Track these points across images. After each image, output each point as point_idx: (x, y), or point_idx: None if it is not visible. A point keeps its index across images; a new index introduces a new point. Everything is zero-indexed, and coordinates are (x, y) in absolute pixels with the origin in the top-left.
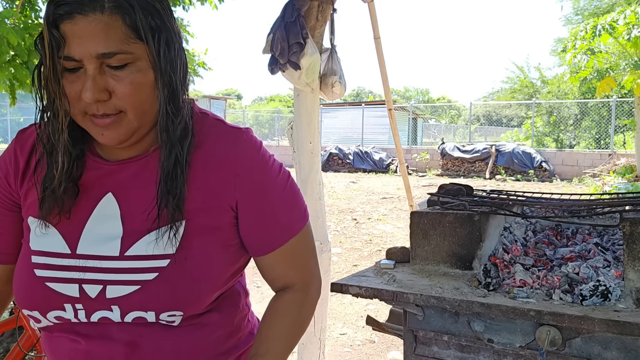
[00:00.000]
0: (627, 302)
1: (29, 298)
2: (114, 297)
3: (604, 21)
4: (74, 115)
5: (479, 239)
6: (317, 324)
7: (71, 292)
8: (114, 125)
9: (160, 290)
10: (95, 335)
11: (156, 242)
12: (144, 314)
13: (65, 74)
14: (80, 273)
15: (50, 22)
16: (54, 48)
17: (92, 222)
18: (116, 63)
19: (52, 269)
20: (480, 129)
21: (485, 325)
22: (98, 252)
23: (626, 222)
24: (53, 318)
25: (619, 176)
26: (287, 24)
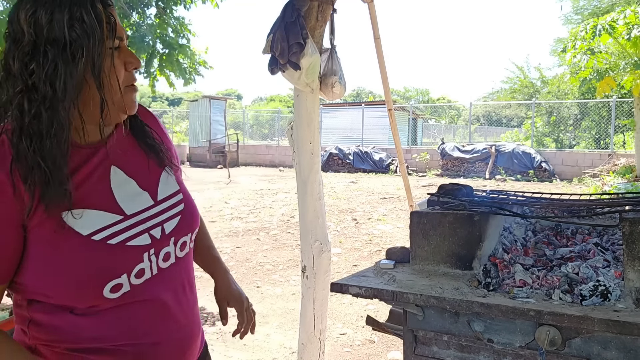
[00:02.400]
0: (626, 302)
1: (116, 266)
2: (170, 230)
3: (603, 21)
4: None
5: (478, 239)
6: (317, 324)
7: (145, 241)
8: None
9: (189, 214)
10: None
11: (167, 184)
12: (186, 238)
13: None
14: (143, 225)
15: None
16: (112, 30)
17: (116, 190)
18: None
19: (120, 234)
20: (480, 129)
21: (485, 325)
22: (140, 207)
23: (626, 222)
24: (134, 277)
25: (618, 176)
26: (287, 24)
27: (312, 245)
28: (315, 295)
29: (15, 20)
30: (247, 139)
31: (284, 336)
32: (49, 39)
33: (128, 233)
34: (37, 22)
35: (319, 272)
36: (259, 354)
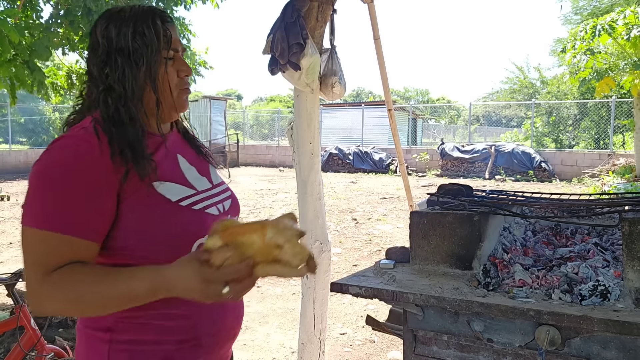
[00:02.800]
0: (626, 302)
1: (200, 227)
2: (227, 209)
3: (603, 21)
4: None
5: (478, 239)
6: (317, 323)
7: (216, 212)
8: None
9: (235, 200)
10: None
11: (216, 174)
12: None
13: (164, 61)
14: (211, 199)
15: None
16: (167, 42)
17: (185, 172)
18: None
19: (199, 202)
20: (479, 129)
21: (485, 325)
22: (204, 187)
23: (625, 222)
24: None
25: (618, 176)
26: (287, 24)
27: (312, 245)
28: (315, 295)
29: (93, 33)
30: (247, 139)
31: (284, 336)
32: (117, 49)
33: (204, 203)
34: (108, 35)
35: (319, 272)
36: (259, 354)
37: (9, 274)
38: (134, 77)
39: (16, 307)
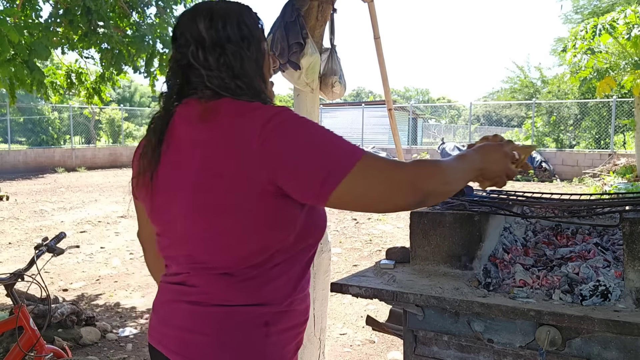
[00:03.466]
0: (627, 302)
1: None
2: None
3: (604, 21)
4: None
5: (479, 239)
6: (317, 324)
7: None
8: None
9: None
10: None
11: None
12: None
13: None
14: None
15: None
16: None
17: None
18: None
19: None
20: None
21: (485, 325)
22: None
23: (626, 222)
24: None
25: (619, 176)
26: (287, 24)
27: None
28: (315, 295)
29: (195, 29)
30: None
31: None
32: (227, 39)
33: None
34: (216, 28)
35: (319, 272)
36: None
37: (8, 274)
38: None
39: (15, 307)
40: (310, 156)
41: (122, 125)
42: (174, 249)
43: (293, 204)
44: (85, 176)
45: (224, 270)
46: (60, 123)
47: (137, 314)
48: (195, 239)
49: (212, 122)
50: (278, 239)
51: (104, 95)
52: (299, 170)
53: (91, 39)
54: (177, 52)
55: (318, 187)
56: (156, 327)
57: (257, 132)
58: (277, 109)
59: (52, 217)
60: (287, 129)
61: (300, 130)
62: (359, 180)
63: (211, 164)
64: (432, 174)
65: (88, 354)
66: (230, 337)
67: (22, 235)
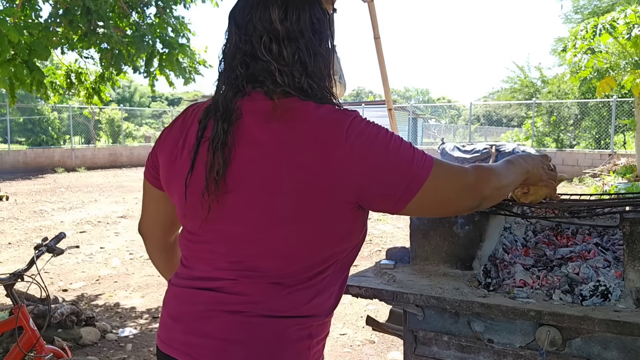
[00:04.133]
0: (627, 302)
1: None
2: None
3: (604, 20)
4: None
5: (479, 239)
6: None
7: None
8: None
9: None
10: None
11: None
12: None
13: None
14: None
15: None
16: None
17: None
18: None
19: None
20: (480, 129)
21: (485, 326)
22: None
23: (626, 223)
24: None
25: (619, 176)
26: None
27: None
28: None
29: (268, 19)
30: None
31: None
32: (301, 32)
33: None
34: (290, 20)
35: None
36: None
37: (8, 274)
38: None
39: (15, 307)
40: (394, 168)
41: (122, 125)
42: (213, 251)
43: (364, 212)
44: (85, 176)
45: (278, 279)
46: (60, 123)
47: (137, 314)
48: (260, 245)
49: (287, 122)
50: (344, 248)
51: (104, 95)
52: (384, 182)
53: (91, 39)
54: (242, 41)
55: (397, 199)
56: (179, 337)
57: (341, 140)
58: (352, 114)
59: (52, 217)
60: (372, 138)
61: (383, 140)
62: (431, 189)
63: (292, 169)
64: (489, 179)
65: (88, 354)
66: (277, 349)
67: (21, 236)
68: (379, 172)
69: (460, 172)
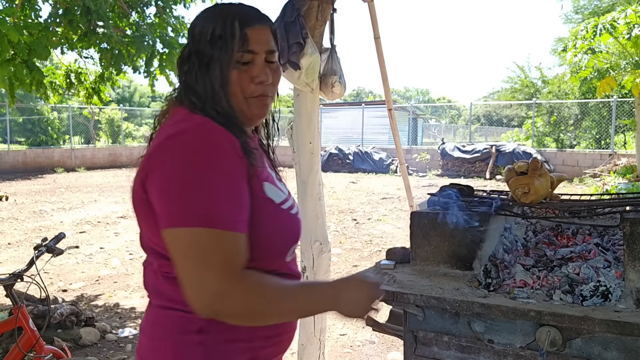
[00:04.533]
0: (627, 303)
1: (297, 230)
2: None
3: (604, 20)
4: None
5: (479, 239)
6: (317, 324)
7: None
8: (268, 104)
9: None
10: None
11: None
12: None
13: (238, 66)
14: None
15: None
16: (240, 45)
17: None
18: (272, 59)
19: (293, 207)
20: (480, 129)
21: (486, 326)
22: (287, 191)
23: (626, 223)
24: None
25: (619, 176)
26: (286, 23)
27: (312, 245)
28: None
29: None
30: None
31: None
32: (196, 49)
33: (295, 208)
34: (194, 34)
35: (319, 273)
36: None
37: (8, 275)
38: (208, 80)
39: (14, 307)
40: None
41: (122, 125)
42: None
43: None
44: (84, 176)
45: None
46: (59, 123)
47: (137, 315)
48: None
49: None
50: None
51: (104, 95)
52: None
53: (91, 39)
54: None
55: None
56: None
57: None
58: (184, 127)
59: (52, 217)
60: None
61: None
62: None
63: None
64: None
65: (87, 354)
66: (162, 341)
67: (21, 236)
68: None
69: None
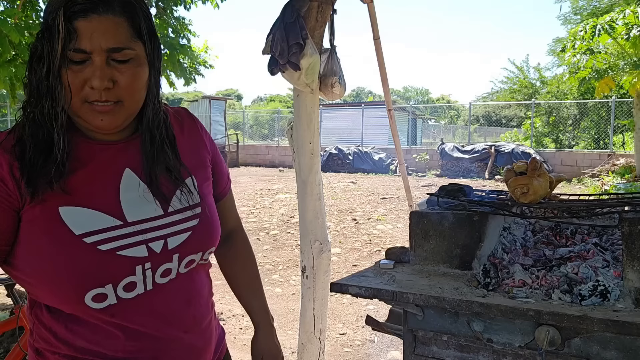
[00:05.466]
0: (626, 302)
1: (102, 273)
2: (174, 246)
3: (603, 21)
4: (73, 103)
5: (478, 239)
6: (317, 324)
7: (140, 253)
8: (113, 112)
9: (204, 231)
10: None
11: (186, 196)
12: (194, 256)
13: (70, 65)
14: (142, 235)
15: (65, 18)
16: (67, 41)
17: (123, 194)
18: (121, 57)
19: (114, 241)
20: (479, 129)
21: (485, 325)
22: (144, 216)
23: (625, 223)
24: (122, 289)
25: (618, 176)
26: (286, 24)
27: (312, 245)
28: (315, 295)
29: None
30: (247, 139)
31: (284, 336)
32: (33, 44)
33: (123, 241)
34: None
35: (318, 272)
36: None
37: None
38: (39, 79)
39: (16, 307)
40: None
41: None
42: None
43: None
44: None
45: None
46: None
47: None
48: None
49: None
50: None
51: None
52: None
53: None
54: None
55: None
56: None
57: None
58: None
59: None
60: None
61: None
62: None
63: None
64: None
65: None
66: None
67: None
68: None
69: None
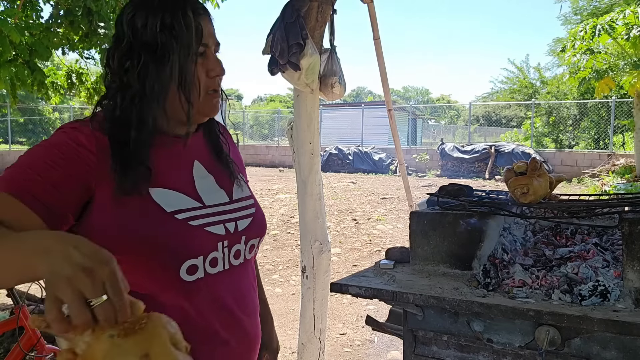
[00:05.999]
0: (626, 302)
1: (195, 245)
2: (242, 228)
3: (603, 21)
4: (201, 93)
5: (478, 239)
6: (317, 324)
7: (220, 231)
8: (218, 99)
9: (260, 219)
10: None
11: (240, 188)
12: (254, 241)
13: (198, 59)
14: (218, 216)
15: (195, 17)
16: (200, 35)
17: (197, 181)
18: (218, 50)
19: (199, 218)
20: (479, 129)
21: (485, 325)
22: (217, 201)
23: (625, 223)
24: (208, 264)
25: (618, 176)
26: (286, 24)
27: (312, 245)
28: (315, 295)
29: (119, 22)
30: (247, 139)
31: (284, 336)
32: (142, 42)
33: (206, 220)
34: (134, 26)
35: (318, 272)
36: None
37: None
38: (158, 76)
39: (16, 307)
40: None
41: None
42: None
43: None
44: None
45: None
46: (61, 123)
47: None
48: None
49: None
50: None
51: None
52: None
53: (92, 39)
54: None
55: None
56: None
57: None
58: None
59: None
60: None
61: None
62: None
63: None
64: None
65: None
66: None
67: None
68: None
69: None
